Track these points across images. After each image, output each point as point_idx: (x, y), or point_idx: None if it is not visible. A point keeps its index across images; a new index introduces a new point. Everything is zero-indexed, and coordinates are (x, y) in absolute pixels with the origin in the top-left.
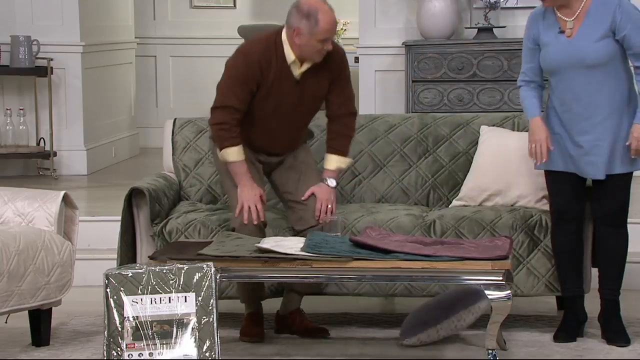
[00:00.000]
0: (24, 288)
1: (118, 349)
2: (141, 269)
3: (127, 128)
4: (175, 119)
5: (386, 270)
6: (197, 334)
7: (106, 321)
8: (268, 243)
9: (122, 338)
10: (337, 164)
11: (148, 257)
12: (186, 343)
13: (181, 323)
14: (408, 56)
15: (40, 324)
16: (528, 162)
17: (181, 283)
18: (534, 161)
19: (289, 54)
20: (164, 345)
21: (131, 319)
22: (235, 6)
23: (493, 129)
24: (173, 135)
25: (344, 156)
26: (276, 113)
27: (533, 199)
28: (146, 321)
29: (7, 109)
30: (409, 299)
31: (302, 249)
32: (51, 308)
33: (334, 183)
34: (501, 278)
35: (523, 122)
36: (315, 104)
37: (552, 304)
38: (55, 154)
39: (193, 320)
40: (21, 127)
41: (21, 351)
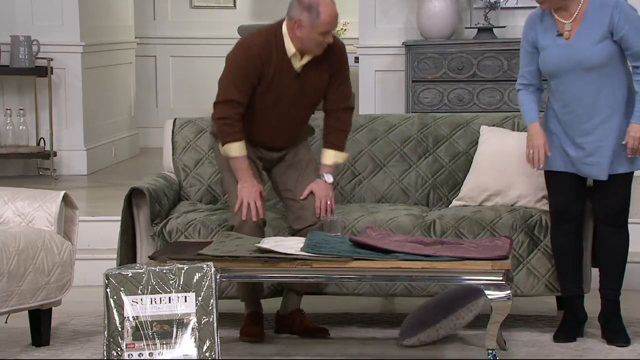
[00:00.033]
0: (24, 288)
1: (118, 349)
2: (141, 269)
3: (127, 128)
4: (175, 119)
5: (386, 270)
6: (197, 334)
7: (106, 321)
8: (268, 243)
9: (122, 338)
10: (334, 159)
11: (148, 257)
12: (186, 343)
13: (181, 323)
14: (408, 56)
15: (40, 324)
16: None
17: (181, 283)
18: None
19: (290, 47)
20: (164, 345)
21: (131, 319)
22: (235, 6)
23: (493, 129)
24: (173, 135)
25: (341, 151)
26: (277, 106)
27: (533, 199)
28: (146, 321)
29: (7, 109)
30: (409, 299)
31: (302, 249)
32: (51, 308)
33: (331, 179)
34: (501, 278)
35: (523, 123)
36: (315, 97)
37: (552, 304)
38: (55, 154)
39: (193, 320)
40: (21, 127)
41: (21, 351)
